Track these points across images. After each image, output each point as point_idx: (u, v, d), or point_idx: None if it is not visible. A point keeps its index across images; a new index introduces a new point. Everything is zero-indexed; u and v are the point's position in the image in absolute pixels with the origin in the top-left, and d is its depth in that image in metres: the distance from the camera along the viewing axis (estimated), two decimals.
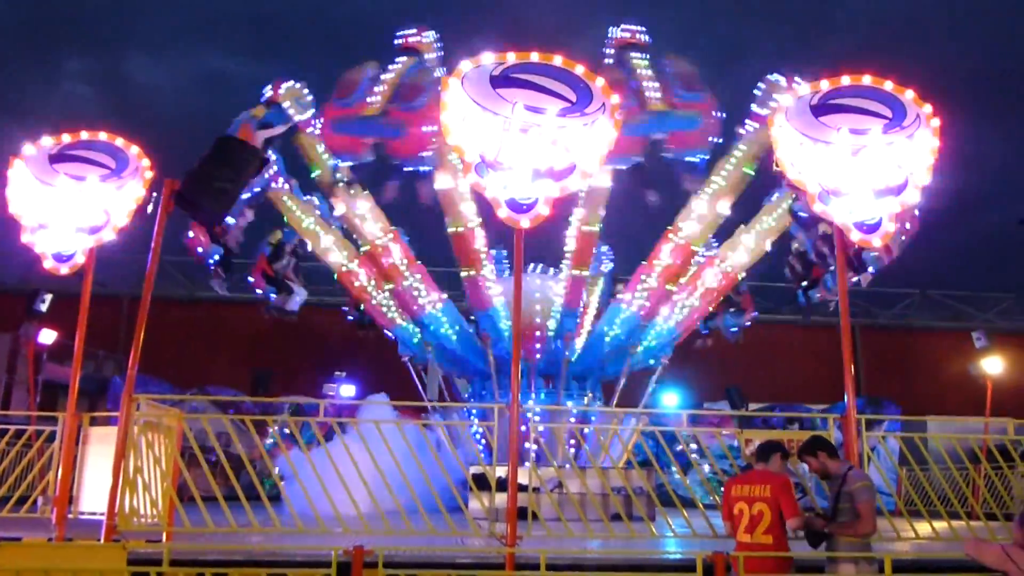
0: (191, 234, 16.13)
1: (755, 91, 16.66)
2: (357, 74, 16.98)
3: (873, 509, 6.11)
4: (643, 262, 17.43)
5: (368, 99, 16.38)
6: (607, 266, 21.48)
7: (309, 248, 17.79)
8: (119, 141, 8.63)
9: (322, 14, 35.08)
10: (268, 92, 16.46)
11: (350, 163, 16.94)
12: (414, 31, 17.35)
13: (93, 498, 8.33)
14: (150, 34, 35.65)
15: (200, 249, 16.29)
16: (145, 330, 7.79)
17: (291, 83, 16.62)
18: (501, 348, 17.50)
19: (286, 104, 16.42)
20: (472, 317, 18.47)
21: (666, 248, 17.10)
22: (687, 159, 16.23)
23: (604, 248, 21.05)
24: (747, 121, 16.85)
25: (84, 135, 8.68)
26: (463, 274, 17.57)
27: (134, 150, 8.62)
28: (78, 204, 8.47)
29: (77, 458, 8.58)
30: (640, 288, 17.38)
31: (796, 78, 16.40)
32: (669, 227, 17.16)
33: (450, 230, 17.17)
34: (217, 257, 16.45)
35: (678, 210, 17.27)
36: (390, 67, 16.86)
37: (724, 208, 16.88)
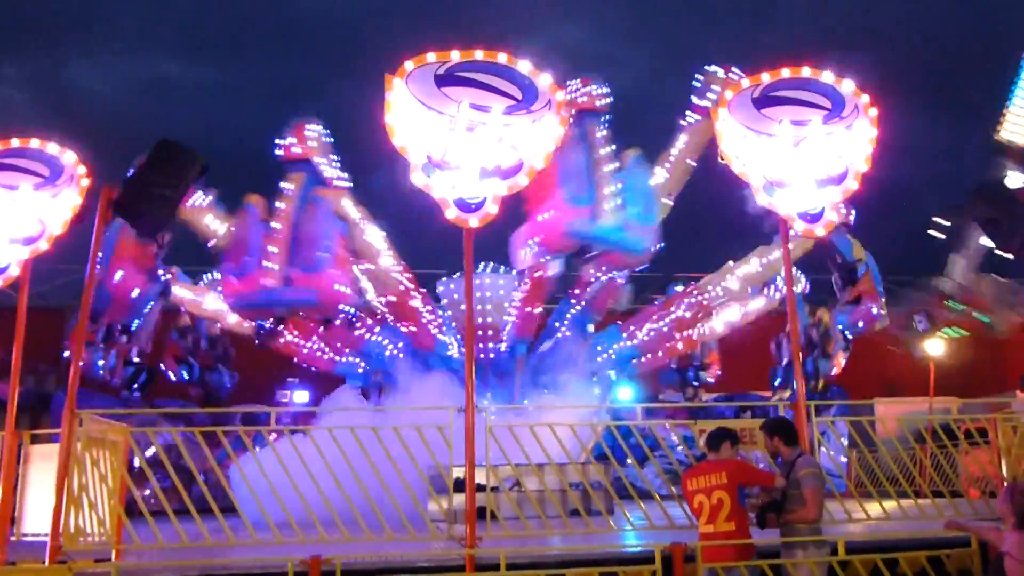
0: (100, 363, 15.25)
1: (694, 83, 16.91)
2: (242, 226, 14.90)
3: (819, 495, 6.20)
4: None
5: (264, 262, 14.22)
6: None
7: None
8: (52, 147, 8.32)
9: (264, 16, 34.53)
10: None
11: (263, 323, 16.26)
12: (293, 140, 15.73)
13: (37, 519, 8.05)
14: (87, 38, 34.78)
15: (109, 376, 15.52)
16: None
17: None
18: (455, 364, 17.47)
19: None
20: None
21: None
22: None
23: None
24: (688, 112, 17.06)
25: (15, 142, 8.36)
26: (403, 329, 17.57)
27: (69, 157, 8.31)
28: (11, 214, 8.16)
29: (18, 478, 8.28)
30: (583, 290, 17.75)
31: (733, 68, 16.77)
32: None
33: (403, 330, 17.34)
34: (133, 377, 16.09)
35: None
36: (277, 203, 14.93)
37: (668, 201, 17.12)
